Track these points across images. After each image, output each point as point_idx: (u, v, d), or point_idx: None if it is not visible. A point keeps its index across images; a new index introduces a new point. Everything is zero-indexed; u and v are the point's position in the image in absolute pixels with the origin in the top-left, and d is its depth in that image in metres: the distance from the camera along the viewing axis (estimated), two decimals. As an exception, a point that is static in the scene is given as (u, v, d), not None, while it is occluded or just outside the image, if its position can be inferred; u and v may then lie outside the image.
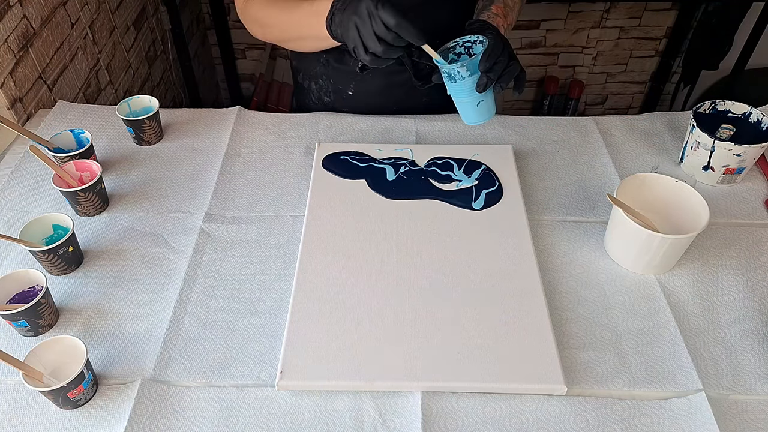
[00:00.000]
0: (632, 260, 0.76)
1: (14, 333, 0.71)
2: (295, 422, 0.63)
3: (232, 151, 0.96)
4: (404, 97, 1.03)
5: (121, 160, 0.95)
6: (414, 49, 0.80)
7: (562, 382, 0.63)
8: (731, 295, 0.75)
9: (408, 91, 1.01)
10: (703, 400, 0.63)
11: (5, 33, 1.00)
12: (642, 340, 0.70)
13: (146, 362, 0.68)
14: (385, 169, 0.89)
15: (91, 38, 1.32)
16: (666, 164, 0.94)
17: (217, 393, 0.65)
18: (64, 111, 1.05)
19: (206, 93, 2.14)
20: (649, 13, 2.06)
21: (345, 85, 1.03)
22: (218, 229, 0.83)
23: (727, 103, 0.91)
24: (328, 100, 1.06)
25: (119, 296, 0.75)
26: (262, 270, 0.78)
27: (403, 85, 1.00)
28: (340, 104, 1.06)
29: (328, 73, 1.03)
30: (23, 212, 0.86)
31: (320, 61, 1.02)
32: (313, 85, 1.07)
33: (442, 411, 0.63)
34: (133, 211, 0.86)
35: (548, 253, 0.80)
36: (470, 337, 0.68)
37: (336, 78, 1.03)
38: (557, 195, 0.88)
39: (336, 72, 1.02)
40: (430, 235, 0.80)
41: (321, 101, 1.08)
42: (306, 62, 1.06)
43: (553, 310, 0.72)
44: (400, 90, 1.02)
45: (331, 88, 1.05)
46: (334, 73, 1.02)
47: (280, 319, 0.72)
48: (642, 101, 2.34)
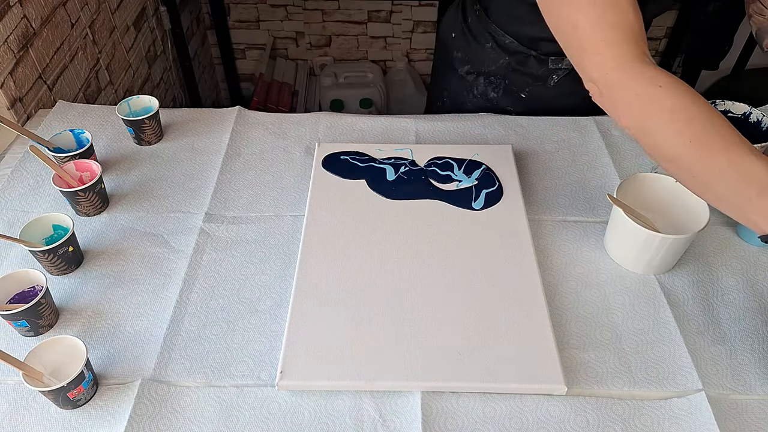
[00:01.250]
0: (632, 260, 0.76)
1: (14, 333, 0.71)
2: (295, 422, 0.63)
3: (232, 151, 0.96)
4: (570, 109, 1.02)
5: (121, 160, 0.95)
6: None
7: (562, 382, 0.63)
8: (731, 295, 0.75)
9: (577, 104, 0.99)
10: (703, 400, 0.63)
11: (5, 33, 1.00)
12: (642, 340, 0.70)
13: (146, 362, 0.68)
14: (385, 169, 0.89)
15: (91, 38, 1.32)
16: (666, 164, 0.94)
17: (217, 393, 0.65)
18: (64, 111, 1.05)
19: (206, 93, 2.15)
20: (649, 13, 2.06)
21: (520, 87, 1.03)
22: (218, 229, 0.83)
23: (727, 103, 0.91)
24: (494, 96, 1.05)
25: (119, 296, 0.75)
26: (262, 270, 0.78)
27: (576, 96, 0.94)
28: (506, 102, 1.05)
29: (506, 74, 1.03)
30: (23, 212, 0.86)
31: (500, 63, 1.02)
32: (482, 80, 1.05)
33: (442, 411, 0.63)
34: (133, 211, 0.86)
35: (548, 253, 0.80)
36: (470, 337, 0.68)
37: (513, 79, 1.03)
38: (557, 195, 0.88)
39: (515, 73, 1.02)
40: (430, 235, 0.80)
41: (485, 96, 1.06)
42: (479, 58, 1.04)
43: (553, 310, 0.72)
44: (570, 101, 1.00)
45: (503, 87, 1.04)
46: (514, 74, 1.02)
47: (280, 319, 0.72)
48: (642, 101, 2.33)
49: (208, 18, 2.12)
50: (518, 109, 1.05)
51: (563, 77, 0.99)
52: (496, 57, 1.02)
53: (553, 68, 0.98)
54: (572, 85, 0.99)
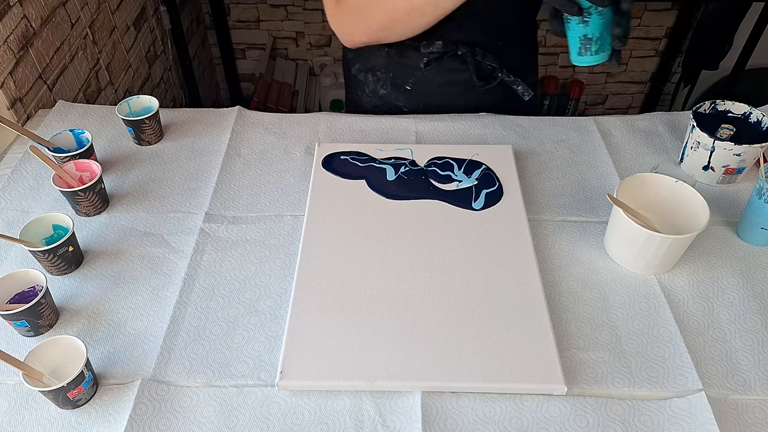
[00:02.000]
0: (632, 260, 0.76)
1: (14, 333, 0.71)
2: (295, 422, 0.63)
3: (232, 151, 0.96)
4: (461, 96, 1.03)
5: (121, 160, 0.95)
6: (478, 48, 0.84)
7: (562, 382, 0.63)
8: (731, 295, 0.75)
9: (466, 91, 1.02)
10: (703, 400, 0.63)
11: (5, 33, 1.00)
12: (642, 340, 0.70)
13: (146, 362, 0.68)
14: (385, 169, 0.89)
15: (91, 38, 1.32)
16: (666, 164, 0.94)
17: (217, 393, 0.65)
18: (64, 111, 1.05)
19: (206, 93, 2.15)
20: (649, 13, 2.06)
21: (404, 79, 1.03)
22: (218, 229, 0.83)
23: (727, 103, 0.91)
24: (384, 93, 1.06)
25: (119, 296, 0.75)
26: (262, 270, 0.78)
27: (463, 84, 1.01)
28: (395, 98, 1.06)
29: (388, 66, 1.03)
30: (23, 212, 0.86)
31: (381, 54, 1.02)
32: (370, 77, 1.06)
33: (442, 411, 0.63)
34: (133, 211, 0.86)
35: (548, 253, 0.80)
36: (470, 337, 0.68)
37: (396, 71, 1.03)
38: (557, 195, 0.88)
39: (397, 65, 1.02)
40: (430, 235, 0.80)
41: (376, 93, 1.07)
42: (364, 54, 1.05)
43: (553, 310, 0.72)
44: (458, 89, 1.02)
45: (389, 81, 1.05)
46: (395, 66, 1.02)
47: (280, 319, 0.72)
48: (642, 101, 2.34)
49: (208, 18, 2.12)
50: (409, 106, 1.06)
51: (434, 60, 0.99)
52: (378, 49, 1.02)
53: (424, 53, 0.98)
54: (450, 74, 1.00)
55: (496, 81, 1.00)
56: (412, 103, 1.05)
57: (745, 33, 1.90)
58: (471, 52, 0.95)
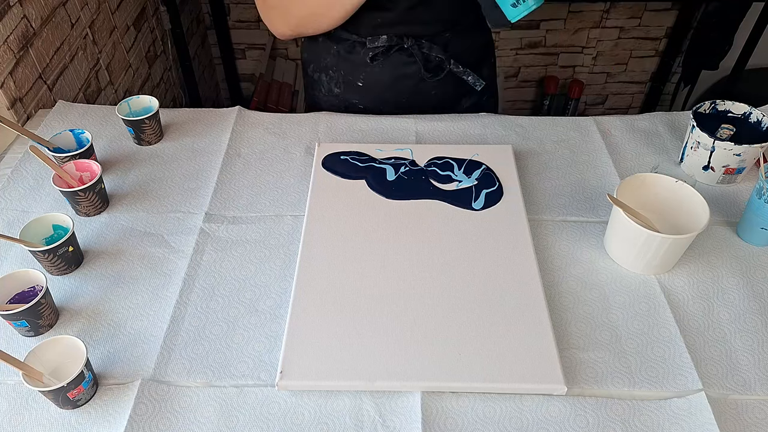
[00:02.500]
0: (632, 260, 0.76)
1: (14, 333, 0.71)
2: (295, 422, 0.63)
3: (232, 151, 0.96)
4: (413, 90, 1.04)
5: (121, 160, 0.95)
6: (424, 41, 0.85)
7: (562, 382, 0.63)
8: (731, 295, 0.75)
9: (417, 84, 1.03)
10: (703, 400, 0.63)
11: (5, 33, 1.00)
12: (642, 340, 0.70)
13: (146, 362, 0.68)
14: (385, 169, 0.89)
15: (91, 38, 1.32)
16: (666, 164, 0.94)
17: (217, 393, 0.65)
18: (64, 111, 1.05)
19: (206, 93, 2.14)
20: (649, 13, 2.06)
21: (355, 76, 1.04)
22: (218, 229, 0.83)
23: (727, 103, 0.91)
24: (338, 92, 1.07)
25: (119, 296, 0.75)
26: (262, 270, 0.78)
27: (413, 77, 1.02)
28: (349, 95, 1.06)
29: (338, 64, 1.04)
30: (23, 212, 0.86)
31: (331, 53, 1.03)
32: (324, 76, 1.07)
33: (442, 411, 0.63)
34: (133, 211, 0.86)
35: (548, 253, 0.80)
36: (470, 337, 0.68)
37: (346, 69, 1.04)
38: (557, 195, 0.88)
39: (346, 62, 1.03)
40: (430, 236, 0.80)
41: (331, 92, 1.08)
42: (317, 54, 1.07)
43: (553, 310, 0.72)
44: (409, 82, 1.03)
45: (341, 79, 1.06)
46: (345, 63, 1.03)
47: (280, 319, 0.72)
48: (642, 101, 2.34)
49: (208, 18, 2.12)
50: (364, 102, 1.06)
51: (381, 54, 1.00)
52: (328, 47, 1.03)
53: (370, 47, 0.99)
54: (399, 68, 1.01)
55: (444, 72, 1.01)
56: (367, 100, 1.06)
57: (745, 33, 1.90)
58: (417, 44, 0.97)
